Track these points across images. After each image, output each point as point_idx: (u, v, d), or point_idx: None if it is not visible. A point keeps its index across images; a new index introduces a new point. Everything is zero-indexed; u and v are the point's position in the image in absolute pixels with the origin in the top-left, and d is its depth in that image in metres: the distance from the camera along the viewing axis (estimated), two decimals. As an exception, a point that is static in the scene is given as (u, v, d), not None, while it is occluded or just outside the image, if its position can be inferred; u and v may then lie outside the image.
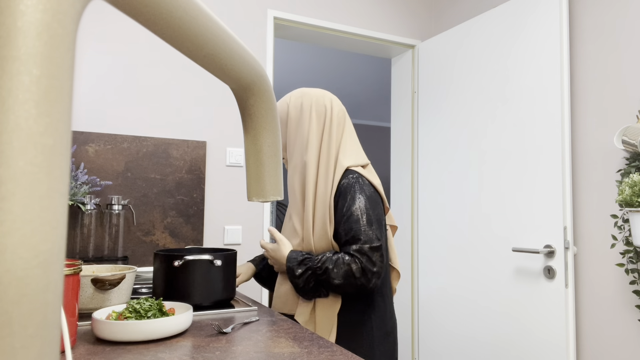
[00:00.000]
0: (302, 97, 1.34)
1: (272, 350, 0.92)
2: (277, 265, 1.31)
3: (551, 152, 1.98)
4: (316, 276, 1.21)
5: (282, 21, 2.51)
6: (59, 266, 0.19)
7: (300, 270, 1.22)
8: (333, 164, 1.27)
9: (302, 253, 1.25)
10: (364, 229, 1.19)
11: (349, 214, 1.21)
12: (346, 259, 1.19)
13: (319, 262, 1.21)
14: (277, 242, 1.29)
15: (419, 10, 2.90)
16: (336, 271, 1.18)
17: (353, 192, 1.23)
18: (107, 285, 1.14)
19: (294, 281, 1.23)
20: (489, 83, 2.30)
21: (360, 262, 1.18)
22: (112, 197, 2.02)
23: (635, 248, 1.74)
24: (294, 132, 1.33)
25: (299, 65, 4.47)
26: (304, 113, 1.31)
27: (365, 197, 1.23)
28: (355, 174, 1.26)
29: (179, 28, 0.30)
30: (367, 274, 1.18)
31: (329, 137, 1.29)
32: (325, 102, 1.32)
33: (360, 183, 1.25)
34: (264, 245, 1.35)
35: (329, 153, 1.28)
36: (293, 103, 1.34)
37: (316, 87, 5.18)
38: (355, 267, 1.17)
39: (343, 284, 1.18)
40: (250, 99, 0.43)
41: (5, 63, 0.18)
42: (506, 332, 2.12)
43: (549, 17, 2.03)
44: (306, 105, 1.32)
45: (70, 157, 0.93)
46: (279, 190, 0.45)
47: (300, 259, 1.23)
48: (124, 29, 2.18)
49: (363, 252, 1.18)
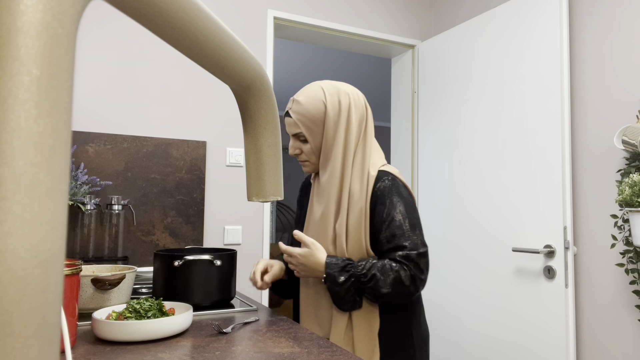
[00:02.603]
0: (338, 94, 1.21)
1: (272, 350, 0.92)
2: (307, 272, 1.17)
3: (551, 152, 1.98)
4: (360, 284, 1.12)
5: (282, 21, 2.51)
6: (59, 266, 0.19)
7: (342, 277, 1.11)
8: (367, 166, 1.20)
9: (341, 259, 1.14)
10: (408, 234, 1.13)
11: (390, 220, 1.14)
12: (394, 266, 1.11)
13: (364, 268, 1.12)
14: (308, 246, 1.15)
15: (419, 10, 2.90)
16: (384, 279, 1.10)
17: (391, 197, 1.16)
18: (107, 285, 1.14)
19: (334, 289, 1.12)
20: (489, 83, 2.30)
21: (409, 268, 1.11)
22: (112, 197, 2.02)
23: (635, 248, 1.74)
24: (332, 135, 1.19)
25: (299, 65, 4.47)
26: (343, 113, 1.20)
27: (404, 201, 1.17)
28: (389, 175, 1.19)
29: (179, 28, 0.30)
30: (416, 281, 1.11)
31: (364, 140, 1.21)
32: (362, 102, 1.23)
33: (396, 185, 1.18)
34: (287, 249, 1.18)
35: (364, 156, 1.20)
36: (330, 101, 1.20)
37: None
38: (404, 274, 1.10)
39: (391, 292, 1.11)
40: (250, 99, 0.43)
41: (5, 63, 0.18)
42: (506, 332, 2.12)
43: (549, 17, 2.03)
44: (344, 104, 1.20)
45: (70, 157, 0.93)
46: (279, 190, 0.45)
47: (342, 265, 1.13)
48: (124, 29, 2.18)
49: (410, 259, 1.11)
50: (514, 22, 2.19)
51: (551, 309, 1.94)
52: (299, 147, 1.24)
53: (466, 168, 2.40)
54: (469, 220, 2.36)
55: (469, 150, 2.39)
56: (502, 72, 2.24)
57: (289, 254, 1.17)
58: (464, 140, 2.43)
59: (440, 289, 2.51)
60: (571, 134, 2.02)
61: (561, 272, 1.92)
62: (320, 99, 1.20)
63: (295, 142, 1.24)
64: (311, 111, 1.19)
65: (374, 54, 2.97)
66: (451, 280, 2.45)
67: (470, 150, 2.38)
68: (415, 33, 2.87)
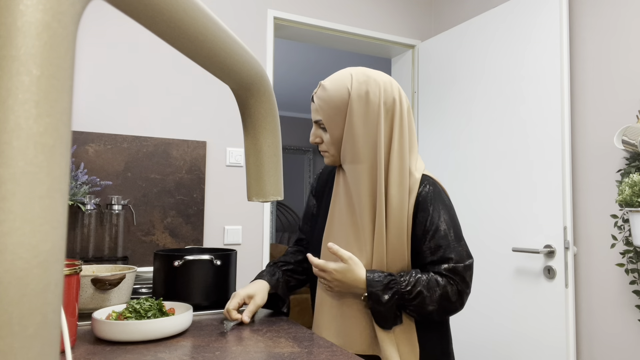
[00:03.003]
0: (367, 83, 1.08)
1: (272, 350, 0.92)
2: (343, 288, 1.06)
3: (551, 152, 1.98)
4: (404, 301, 1.03)
5: (282, 21, 2.51)
6: (59, 266, 0.19)
7: (387, 295, 1.02)
8: (407, 172, 1.08)
9: (383, 274, 1.04)
10: (454, 245, 1.05)
11: (435, 229, 1.06)
12: (440, 281, 1.03)
13: (408, 284, 1.03)
14: (346, 261, 1.04)
15: (419, 10, 2.90)
16: (430, 295, 1.02)
17: (435, 204, 1.07)
18: (107, 285, 1.14)
19: (378, 309, 1.03)
20: (489, 83, 2.30)
21: (456, 283, 1.04)
22: (112, 197, 2.02)
23: (635, 248, 1.74)
24: (357, 127, 1.08)
25: (299, 65, 4.47)
26: (371, 105, 1.07)
27: (448, 209, 1.09)
28: (431, 180, 1.10)
29: (179, 28, 0.30)
30: (463, 296, 1.04)
31: (400, 138, 1.09)
32: (395, 93, 1.10)
33: (438, 192, 1.09)
34: (321, 264, 1.07)
35: (402, 157, 1.08)
36: (356, 90, 1.08)
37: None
38: (450, 290, 1.03)
39: (437, 309, 1.03)
40: (250, 99, 0.43)
41: (5, 63, 0.18)
42: (506, 332, 2.12)
43: (549, 17, 2.03)
44: (373, 95, 1.08)
45: (70, 157, 0.93)
46: (279, 190, 0.45)
47: (385, 282, 1.03)
48: (124, 29, 2.18)
49: (457, 272, 1.04)
50: (514, 22, 2.19)
51: (551, 309, 1.94)
52: (320, 136, 1.14)
53: (466, 168, 2.40)
54: (469, 220, 2.36)
55: (469, 150, 2.39)
56: (502, 72, 2.24)
57: (322, 268, 1.07)
58: (464, 140, 2.43)
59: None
60: (571, 133, 2.02)
61: (561, 272, 1.92)
62: (346, 85, 1.09)
63: (317, 129, 1.14)
64: (334, 98, 1.09)
65: (374, 54, 2.97)
66: (451, 280, 2.45)
67: (470, 150, 2.38)
68: (415, 33, 2.87)
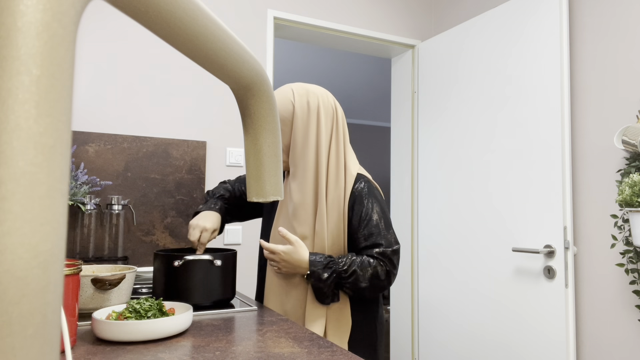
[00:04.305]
0: (307, 95, 1.28)
1: (272, 350, 0.92)
2: (290, 269, 1.23)
3: (551, 152, 1.98)
4: (341, 279, 1.20)
5: (282, 21, 2.51)
6: (59, 266, 0.19)
7: (326, 274, 1.19)
8: (343, 169, 1.27)
9: (323, 255, 1.22)
10: (384, 233, 1.24)
11: (368, 219, 1.24)
12: (371, 262, 1.21)
13: (344, 264, 1.20)
14: (292, 243, 1.22)
15: (419, 10, 2.90)
16: (362, 274, 1.20)
17: (370, 198, 1.26)
18: (107, 285, 1.14)
19: (318, 285, 1.20)
20: (489, 83, 2.30)
21: (385, 264, 1.22)
22: (112, 197, 2.02)
23: (635, 248, 1.74)
24: (301, 134, 1.26)
25: (299, 65, 4.47)
26: (312, 113, 1.26)
27: (380, 203, 1.27)
28: (365, 178, 1.29)
29: (179, 28, 0.30)
30: (390, 276, 1.23)
31: (336, 141, 1.28)
32: (331, 103, 1.30)
33: (371, 188, 1.28)
34: (270, 247, 1.23)
35: (338, 157, 1.27)
36: (299, 102, 1.27)
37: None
38: (380, 270, 1.21)
39: (369, 286, 1.21)
40: (250, 99, 0.43)
41: (5, 63, 0.18)
42: (506, 332, 2.12)
43: (549, 17, 2.03)
44: (313, 104, 1.27)
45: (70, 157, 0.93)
46: (279, 190, 0.45)
47: (325, 262, 1.20)
48: (124, 29, 2.18)
49: (386, 255, 1.22)
50: (514, 22, 2.19)
51: (551, 309, 1.94)
52: None
53: (466, 168, 2.40)
54: (469, 220, 2.35)
55: (469, 149, 2.39)
56: (502, 72, 2.24)
57: (271, 251, 1.23)
58: (464, 139, 2.43)
59: (440, 288, 2.51)
60: (571, 134, 2.02)
61: (561, 272, 1.92)
62: (289, 98, 1.28)
63: None
64: (281, 111, 1.27)
65: (374, 54, 2.97)
66: (451, 280, 2.45)
67: (470, 149, 2.38)
68: (415, 33, 2.87)
